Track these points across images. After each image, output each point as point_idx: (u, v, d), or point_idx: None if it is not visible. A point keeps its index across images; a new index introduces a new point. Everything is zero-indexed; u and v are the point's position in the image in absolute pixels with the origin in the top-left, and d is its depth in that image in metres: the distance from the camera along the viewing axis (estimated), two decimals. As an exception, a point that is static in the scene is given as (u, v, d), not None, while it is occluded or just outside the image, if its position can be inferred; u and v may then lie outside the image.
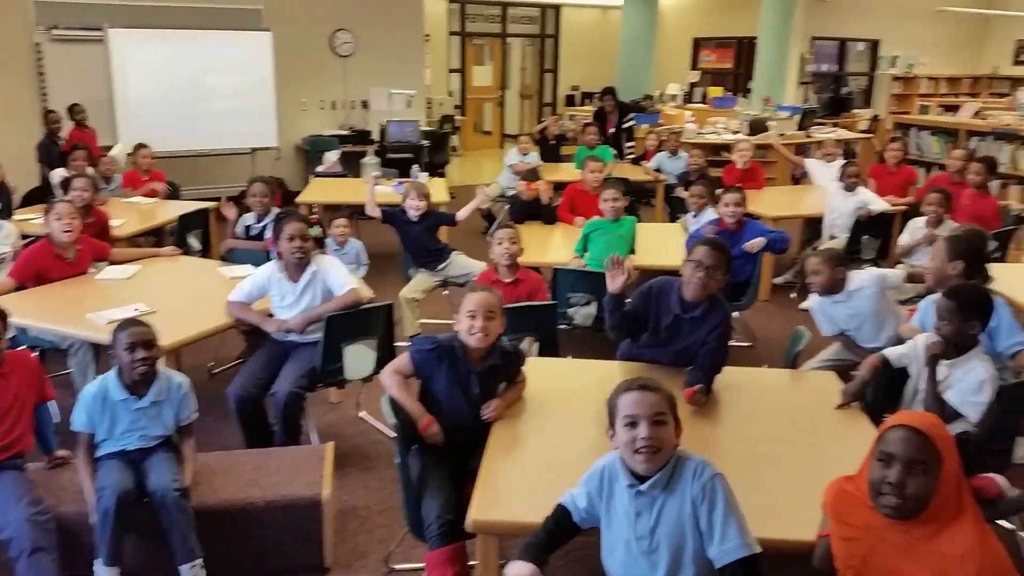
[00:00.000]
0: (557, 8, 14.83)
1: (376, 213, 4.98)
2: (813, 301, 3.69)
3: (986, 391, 2.66)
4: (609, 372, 2.99)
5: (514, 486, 2.32)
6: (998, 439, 2.70)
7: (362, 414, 4.12)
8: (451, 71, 13.77)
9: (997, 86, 16.44)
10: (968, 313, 2.71)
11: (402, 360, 2.71)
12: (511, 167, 7.40)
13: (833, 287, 3.54)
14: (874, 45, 16.13)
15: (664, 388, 1.92)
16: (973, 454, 2.63)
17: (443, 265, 4.96)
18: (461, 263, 4.98)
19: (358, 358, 3.45)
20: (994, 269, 3.60)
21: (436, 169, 9.67)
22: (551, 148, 8.52)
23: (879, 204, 5.76)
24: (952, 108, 10.57)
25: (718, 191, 5.11)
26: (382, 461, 3.64)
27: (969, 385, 2.68)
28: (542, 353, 3.40)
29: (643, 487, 1.88)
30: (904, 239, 4.98)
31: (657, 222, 7.01)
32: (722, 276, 2.97)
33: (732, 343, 5.04)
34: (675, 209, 6.51)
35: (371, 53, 10.04)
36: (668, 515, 1.87)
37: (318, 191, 6.96)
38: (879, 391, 2.92)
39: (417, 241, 4.98)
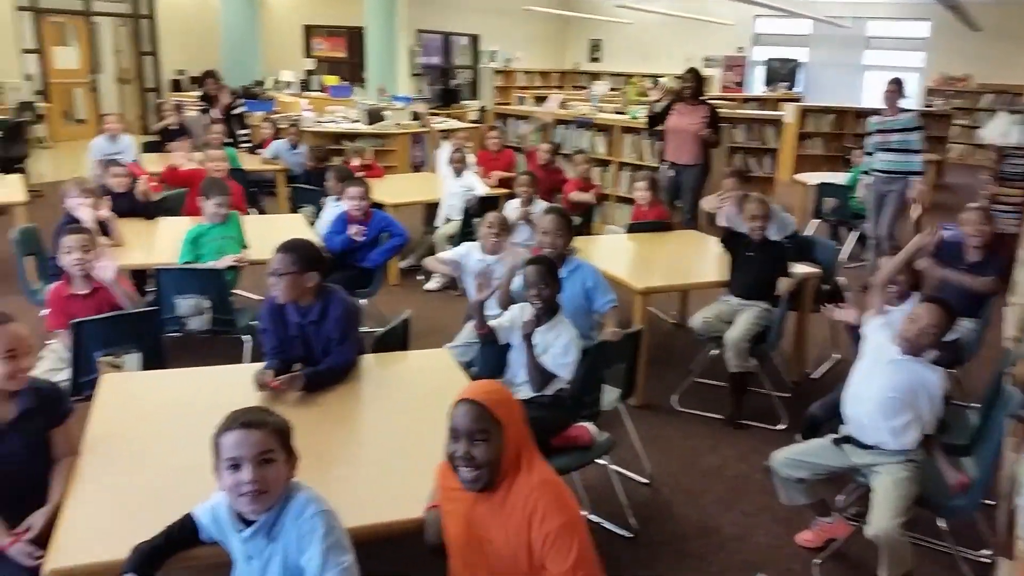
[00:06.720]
0: (151, -14, 13.61)
1: None
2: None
3: (573, 351, 2.95)
4: (226, 379, 2.80)
5: (105, 521, 1.97)
6: (588, 392, 3.05)
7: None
8: (26, 51, 11.91)
9: (579, 80, 18.83)
10: (554, 275, 2.99)
11: None
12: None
13: (498, 250, 4.05)
14: (475, 40, 17.41)
15: (272, 420, 1.76)
16: (569, 407, 2.96)
17: None
18: None
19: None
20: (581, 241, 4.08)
21: (12, 164, 8.27)
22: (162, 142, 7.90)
23: (480, 188, 6.27)
24: (544, 99, 11.80)
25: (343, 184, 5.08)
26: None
27: (559, 348, 2.95)
28: (147, 366, 3.07)
29: (247, 533, 1.76)
30: (506, 219, 5.43)
31: (281, 212, 6.80)
32: (303, 275, 2.78)
33: (366, 329, 5.17)
34: (298, 199, 6.35)
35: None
36: (275, 563, 1.76)
37: None
38: (490, 359, 3.14)
39: None
